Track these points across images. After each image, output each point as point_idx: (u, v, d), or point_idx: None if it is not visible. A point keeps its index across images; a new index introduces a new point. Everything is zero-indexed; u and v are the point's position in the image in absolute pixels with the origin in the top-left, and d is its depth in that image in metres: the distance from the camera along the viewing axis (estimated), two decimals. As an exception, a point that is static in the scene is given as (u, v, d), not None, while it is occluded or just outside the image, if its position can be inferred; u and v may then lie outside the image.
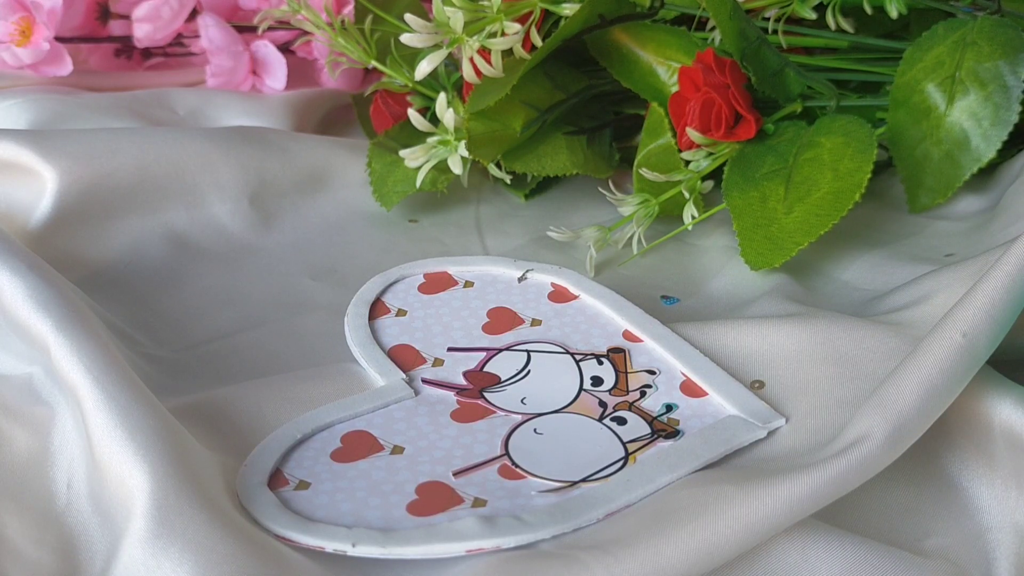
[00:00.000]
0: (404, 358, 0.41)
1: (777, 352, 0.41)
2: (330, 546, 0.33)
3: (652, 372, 0.40)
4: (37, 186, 0.50)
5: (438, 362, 0.41)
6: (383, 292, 0.45)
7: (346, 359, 0.42)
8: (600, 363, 0.41)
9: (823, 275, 0.50)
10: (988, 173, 0.53)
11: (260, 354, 0.44)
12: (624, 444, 0.37)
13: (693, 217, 0.51)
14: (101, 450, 0.34)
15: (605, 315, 0.43)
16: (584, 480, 0.36)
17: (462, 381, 0.40)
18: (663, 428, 0.38)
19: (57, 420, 0.37)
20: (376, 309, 0.44)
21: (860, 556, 0.33)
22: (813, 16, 0.55)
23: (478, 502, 0.35)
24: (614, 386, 0.40)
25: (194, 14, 0.66)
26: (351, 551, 0.33)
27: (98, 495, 0.34)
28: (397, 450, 0.37)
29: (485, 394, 0.39)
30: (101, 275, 0.48)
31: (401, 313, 0.44)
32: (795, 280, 0.48)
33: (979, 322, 0.34)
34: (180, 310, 0.47)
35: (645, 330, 0.42)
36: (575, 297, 0.44)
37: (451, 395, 0.39)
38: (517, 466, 0.36)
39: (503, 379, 0.40)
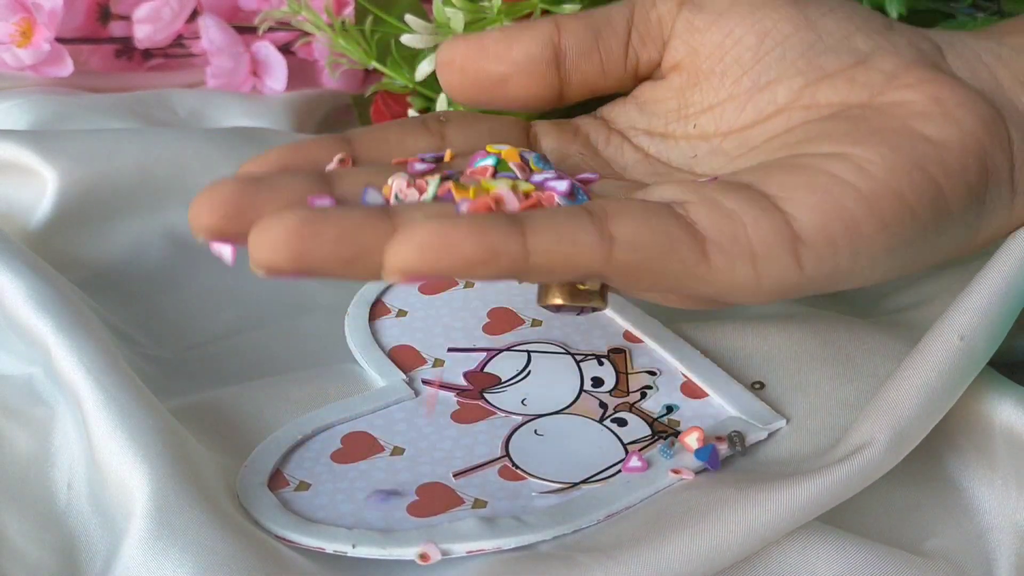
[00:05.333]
0: (404, 359, 0.41)
1: (777, 352, 0.40)
2: (330, 547, 0.33)
3: (653, 373, 0.40)
4: (37, 186, 0.50)
5: (438, 363, 0.41)
6: (384, 292, 0.45)
7: (346, 359, 0.42)
8: (601, 364, 0.41)
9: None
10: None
11: (260, 354, 0.44)
12: (625, 446, 0.37)
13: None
14: (101, 451, 0.34)
15: (606, 315, 0.43)
16: (585, 481, 0.36)
17: (462, 382, 0.40)
18: (664, 430, 0.38)
19: (57, 421, 0.37)
20: (376, 309, 0.44)
21: (860, 557, 0.33)
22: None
23: (478, 503, 0.35)
24: (614, 387, 0.40)
25: (195, 15, 0.66)
26: (351, 552, 0.33)
27: (98, 496, 0.34)
28: (397, 451, 0.37)
29: (485, 395, 0.39)
30: (102, 276, 0.48)
31: (402, 314, 0.44)
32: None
33: (976, 325, 0.34)
34: (180, 311, 0.47)
35: (645, 330, 0.42)
36: None
37: (451, 396, 0.39)
38: (518, 467, 0.36)
39: (503, 380, 0.40)
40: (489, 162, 0.34)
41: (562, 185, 0.33)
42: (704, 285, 0.31)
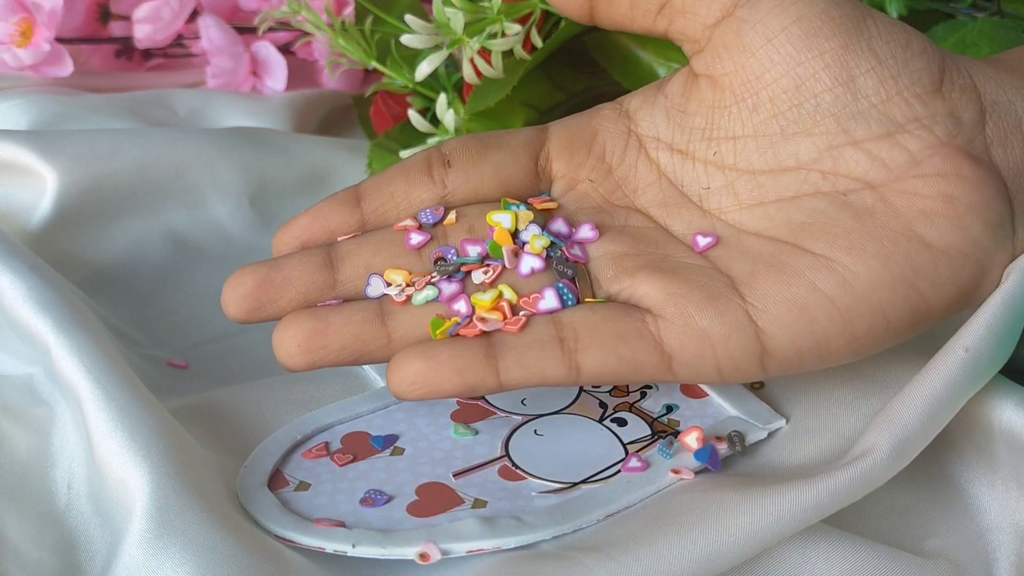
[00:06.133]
0: None
1: (777, 352, 0.40)
2: (330, 547, 0.33)
3: None
4: (37, 186, 0.50)
5: None
6: None
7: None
8: None
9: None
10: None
11: (260, 355, 0.44)
12: (624, 445, 0.37)
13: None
14: (101, 450, 0.34)
15: None
16: (584, 481, 0.36)
17: None
18: (663, 429, 0.38)
19: (57, 420, 0.37)
20: None
21: (861, 557, 0.33)
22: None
23: (478, 503, 0.35)
24: (614, 386, 0.40)
25: (195, 15, 0.66)
26: (351, 552, 0.33)
27: (98, 495, 0.34)
28: (397, 451, 0.37)
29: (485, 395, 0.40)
30: (101, 276, 0.48)
31: None
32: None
33: (981, 337, 0.34)
34: (180, 311, 0.47)
35: None
36: None
37: None
38: (517, 467, 0.36)
39: None
40: (479, 250, 0.36)
41: (550, 302, 0.35)
42: (665, 383, 0.35)
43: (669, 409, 0.39)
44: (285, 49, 0.66)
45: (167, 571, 0.31)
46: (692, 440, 0.36)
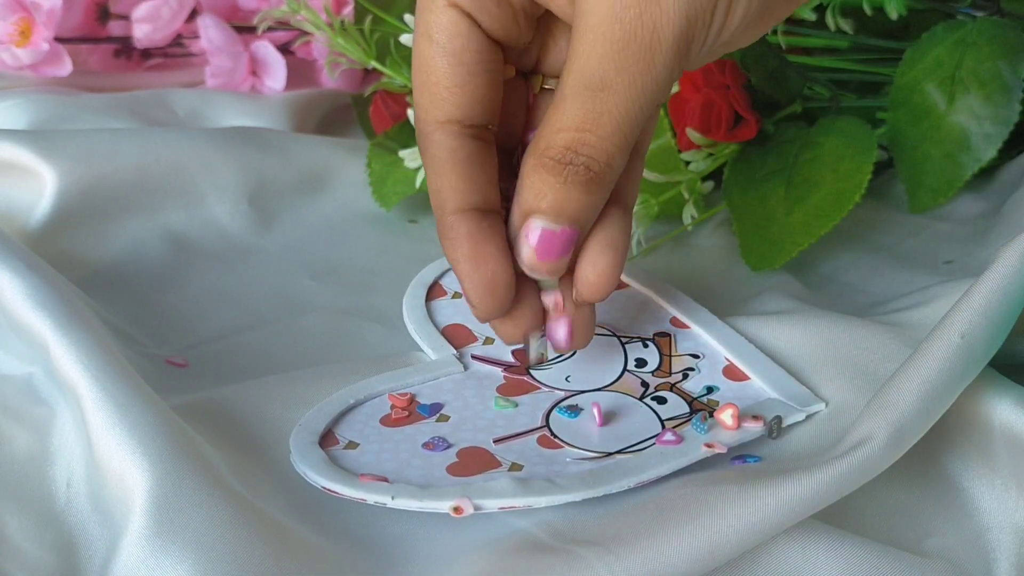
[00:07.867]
0: (456, 336, 0.42)
1: (777, 353, 0.41)
2: (371, 498, 0.33)
3: (696, 356, 0.41)
4: (37, 186, 0.50)
5: (488, 340, 0.42)
6: (441, 276, 0.46)
7: (344, 359, 0.42)
8: (645, 346, 0.41)
9: (823, 277, 0.50)
10: (988, 175, 0.53)
11: (260, 354, 0.44)
12: (662, 421, 0.38)
13: (693, 217, 0.51)
14: (101, 448, 0.34)
15: (654, 303, 0.44)
16: (620, 452, 0.36)
17: (510, 359, 0.41)
18: (702, 408, 0.38)
19: (57, 419, 0.37)
20: (433, 291, 0.45)
21: (861, 557, 0.33)
22: (813, 17, 0.55)
23: (515, 466, 0.35)
24: (657, 367, 0.40)
25: (194, 15, 0.66)
26: (390, 503, 0.33)
27: (98, 494, 0.34)
28: (442, 419, 0.38)
29: (532, 371, 0.40)
30: (101, 275, 0.48)
31: (457, 296, 0.45)
32: (795, 281, 0.48)
33: (976, 323, 0.34)
34: (180, 310, 0.47)
35: (693, 317, 0.43)
36: (626, 286, 0.45)
37: (499, 371, 0.40)
38: (556, 437, 0.37)
39: (550, 358, 0.41)
40: None
41: None
42: None
43: (710, 390, 0.39)
44: (284, 49, 0.66)
45: (166, 568, 0.31)
46: (727, 417, 0.36)
